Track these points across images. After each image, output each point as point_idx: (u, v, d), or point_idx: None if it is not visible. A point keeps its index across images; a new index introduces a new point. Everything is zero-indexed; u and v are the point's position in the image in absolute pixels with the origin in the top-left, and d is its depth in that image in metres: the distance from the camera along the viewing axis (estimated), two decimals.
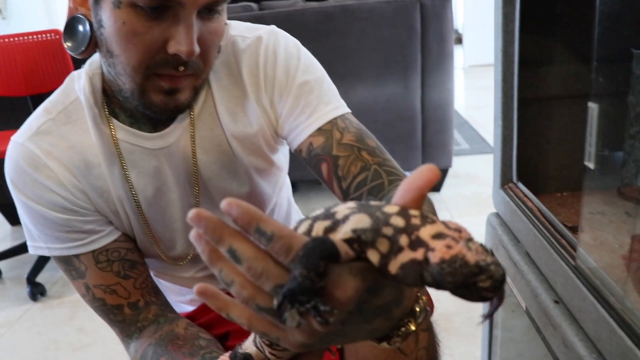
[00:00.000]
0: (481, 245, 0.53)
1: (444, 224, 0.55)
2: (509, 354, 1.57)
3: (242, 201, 0.54)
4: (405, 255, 0.53)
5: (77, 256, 1.09)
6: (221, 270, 0.57)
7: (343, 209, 0.57)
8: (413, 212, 0.56)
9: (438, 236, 0.52)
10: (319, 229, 0.57)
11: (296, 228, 0.60)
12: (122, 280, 1.11)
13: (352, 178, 1.07)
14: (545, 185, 1.40)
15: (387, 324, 0.66)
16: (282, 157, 1.28)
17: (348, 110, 1.15)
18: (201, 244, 0.57)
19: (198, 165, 1.13)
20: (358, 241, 0.55)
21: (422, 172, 0.57)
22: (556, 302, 1.05)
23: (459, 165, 4.04)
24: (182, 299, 1.44)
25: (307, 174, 3.54)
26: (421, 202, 0.58)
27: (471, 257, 0.51)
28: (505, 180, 1.34)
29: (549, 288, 1.09)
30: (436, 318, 1.06)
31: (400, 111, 3.32)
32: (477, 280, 0.50)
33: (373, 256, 0.54)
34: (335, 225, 0.56)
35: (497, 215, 1.42)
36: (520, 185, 1.30)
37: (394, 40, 3.22)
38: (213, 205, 1.18)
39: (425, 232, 0.53)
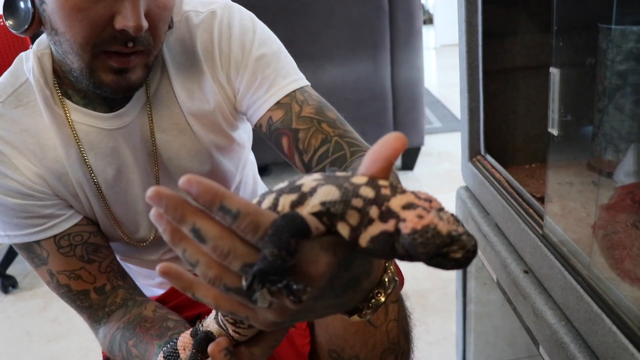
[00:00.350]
0: (452, 215, 0.52)
1: (414, 194, 0.53)
2: (484, 328, 1.57)
3: (202, 177, 0.51)
4: (376, 228, 0.51)
5: (38, 242, 1.06)
6: (185, 250, 0.55)
7: (309, 181, 0.55)
8: (382, 182, 0.54)
9: (409, 206, 0.51)
10: (285, 203, 0.54)
11: (260, 202, 0.57)
12: (86, 264, 1.09)
13: (314, 151, 1.06)
14: (513, 157, 1.40)
15: (356, 297, 0.64)
16: (243, 134, 1.26)
17: (307, 82, 1.13)
18: (162, 224, 0.54)
19: (157, 144, 1.11)
20: (327, 214, 0.53)
21: (389, 141, 0.55)
22: (525, 272, 1.05)
23: (432, 143, 4.05)
24: (151, 283, 1.42)
25: (279, 155, 3.51)
26: (389, 171, 0.56)
27: (443, 227, 0.49)
28: (473, 153, 1.33)
29: (518, 258, 1.09)
30: (412, 295, 1.06)
31: (370, 90, 3.30)
32: (449, 251, 0.49)
33: (343, 229, 0.53)
34: (302, 199, 0.54)
35: (467, 188, 1.41)
36: (489, 157, 1.30)
37: (362, 19, 3.19)
38: (174, 185, 1.16)
39: (396, 203, 0.51)
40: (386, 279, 0.68)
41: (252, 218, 0.51)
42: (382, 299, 0.66)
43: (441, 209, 0.52)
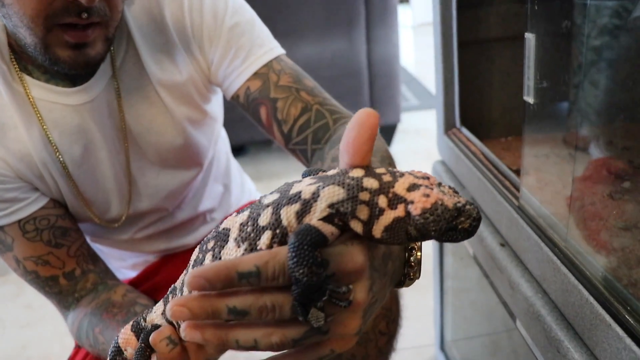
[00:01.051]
0: (450, 187, 0.53)
1: (411, 174, 0.54)
2: (462, 303, 1.57)
3: (201, 267, 0.51)
4: (387, 216, 0.52)
5: (1, 228, 1.01)
6: (237, 340, 0.54)
7: (305, 186, 0.54)
8: (379, 170, 0.54)
9: (412, 188, 0.52)
10: (289, 216, 0.54)
11: (255, 219, 0.56)
12: (54, 249, 1.04)
13: (294, 121, 1.03)
14: (489, 130, 1.38)
15: (397, 264, 0.64)
16: (216, 107, 1.22)
17: (282, 51, 1.10)
18: (199, 335, 0.54)
19: (126, 119, 1.06)
20: (338, 215, 0.53)
21: (363, 122, 0.54)
22: (502, 245, 1.03)
23: (409, 121, 4.03)
24: (123, 265, 1.38)
25: (256, 134, 3.48)
26: (371, 154, 0.56)
27: (449, 201, 0.51)
28: (448, 126, 1.31)
29: (495, 231, 1.07)
30: None
31: (346, 67, 3.26)
32: (458, 223, 0.51)
33: (356, 226, 0.53)
34: (306, 207, 0.53)
35: (442, 162, 1.39)
36: (464, 130, 1.28)
37: None
38: (145, 161, 1.12)
39: (400, 187, 0.52)
40: None
41: (273, 263, 0.51)
42: (419, 253, 0.66)
43: (440, 183, 0.53)
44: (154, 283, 1.32)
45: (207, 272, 0.50)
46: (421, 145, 3.66)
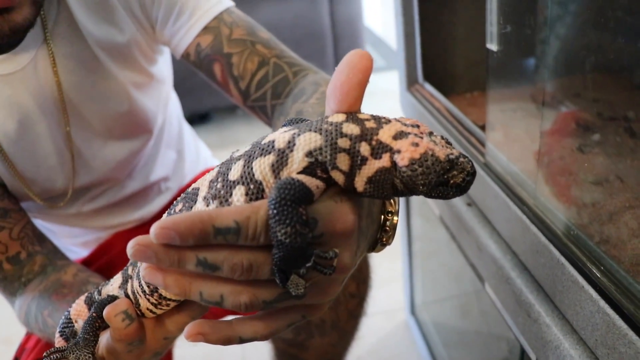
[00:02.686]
0: (442, 137, 0.47)
1: (399, 121, 0.47)
2: (431, 266, 1.53)
3: (173, 217, 0.43)
4: (370, 167, 0.46)
5: None
6: (201, 293, 0.47)
7: (278, 135, 0.47)
8: (362, 115, 0.48)
9: (400, 135, 0.45)
10: (263, 169, 0.46)
11: (224, 174, 0.49)
12: None
13: (251, 76, 0.95)
14: (454, 86, 1.32)
15: (374, 227, 0.58)
16: (163, 69, 1.13)
17: (231, 2, 1.01)
18: (161, 278, 0.47)
19: (63, 87, 0.97)
20: (319, 165, 0.46)
21: (355, 63, 0.47)
22: (469, 204, 0.98)
23: (375, 83, 3.95)
24: (74, 242, 1.30)
25: (220, 100, 3.38)
26: (361, 100, 0.49)
27: (440, 152, 0.45)
28: (410, 82, 1.25)
29: None
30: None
31: (308, 28, 3.18)
32: (450, 177, 0.45)
33: (337, 177, 0.46)
34: (282, 158, 0.46)
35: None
36: (427, 85, 1.22)
37: None
38: (89, 133, 1.03)
39: (385, 134, 0.46)
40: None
41: (255, 219, 0.44)
42: (396, 217, 0.60)
43: (431, 133, 0.47)
44: (107, 261, 1.25)
45: (178, 224, 0.42)
46: (387, 107, 3.60)
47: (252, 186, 0.47)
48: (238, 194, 0.47)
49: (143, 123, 1.11)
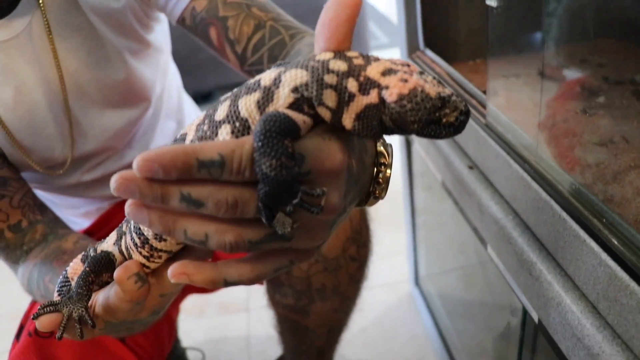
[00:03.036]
0: (434, 77, 0.46)
1: (389, 60, 0.46)
2: (435, 237, 1.52)
3: (155, 149, 0.41)
4: (358, 103, 0.44)
5: None
6: (185, 230, 0.46)
7: (266, 74, 0.46)
8: (350, 53, 0.46)
9: (388, 72, 0.44)
10: (248, 106, 0.45)
11: (211, 116, 0.47)
12: None
13: (247, 40, 0.94)
14: (456, 53, 1.30)
15: (366, 177, 0.57)
16: (160, 37, 1.12)
17: None
18: (145, 214, 0.45)
19: (59, 54, 0.96)
20: (304, 100, 0.44)
21: (342, 1, 0.46)
22: (470, 167, 0.97)
23: None
24: (75, 213, 1.29)
25: (222, 79, 3.36)
26: (350, 38, 0.47)
27: (431, 89, 0.43)
28: (412, 49, 1.23)
29: (462, 154, 1.01)
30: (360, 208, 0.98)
31: (312, 5, 3.15)
32: (442, 115, 0.44)
33: (324, 114, 0.45)
34: (268, 95, 0.45)
35: None
36: (429, 52, 1.20)
37: None
38: (86, 101, 1.02)
39: (373, 70, 0.44)
40: (381, 148, 0.60)
41: (240, 152, 0.42)
42: (389, 170, 0.59)
43: (422, 72, 0.45)
44: (109, 231, 1.23)
45: (161, 156, 0.41)
46: None
47: (237, 124, 0.46)
48: (224, 133, 0.46)
49: (141, 91, 1.10)
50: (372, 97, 0.44)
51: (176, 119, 1.29)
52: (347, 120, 0.45)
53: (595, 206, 0.67)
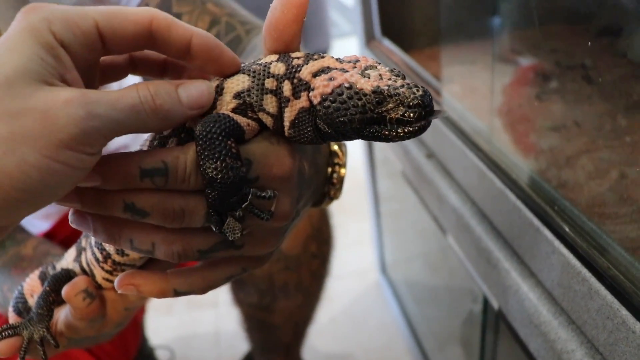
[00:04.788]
0: (391, 71, 0.40)
1: (338, 58, 0.42)
2: (399, 225, 1.52)
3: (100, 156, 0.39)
4: (293, 108, 0.41)
5: None
6: (132, 240, 0.44)
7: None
8: (296, 54, 0.43)
9: (321, 72, 0.40)
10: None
11: (160, 132, 0.46)
12: None
13: None
14: (413, 41, 1.30)
15: (320, 179, 0.56)
16: None
17: None
18: (88, 224, 0.43)
19: None
20: (247, 105, 0.42)
21: (288, 1, 0.43)
22: (428, 156, 0.97)
23: (341, 47, 3.93)
24: (35, 214, 1.26)
25: None
26: (299, 38, 0.45)
27: (366, 84, 0.38)
28: (369, 38, 1.22)
29: (421, 144, 1.01)
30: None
31: None
32: (383, 111, 0.38)
33: (265, 119, 0.42)
34: (213, 102, 0.43)
35: None
36: (386, 41, 1.20)
37: None
38: None
39: (306, 71, 0.41)
40: (335, 147, 0.58)
41: (184, 158, 0.40)
42: (343, 170, 0.57)
43: (371, 67, 0.40)
44: (70, 233, 1.22)
45: (101, 164, 0.39)
46: None
47: (183, 135, 0.44)
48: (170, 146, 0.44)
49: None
50: (303, 100, 0.41)
51: None
52: (285, 127, 0.42)
53: (547, 193, 0.68)
